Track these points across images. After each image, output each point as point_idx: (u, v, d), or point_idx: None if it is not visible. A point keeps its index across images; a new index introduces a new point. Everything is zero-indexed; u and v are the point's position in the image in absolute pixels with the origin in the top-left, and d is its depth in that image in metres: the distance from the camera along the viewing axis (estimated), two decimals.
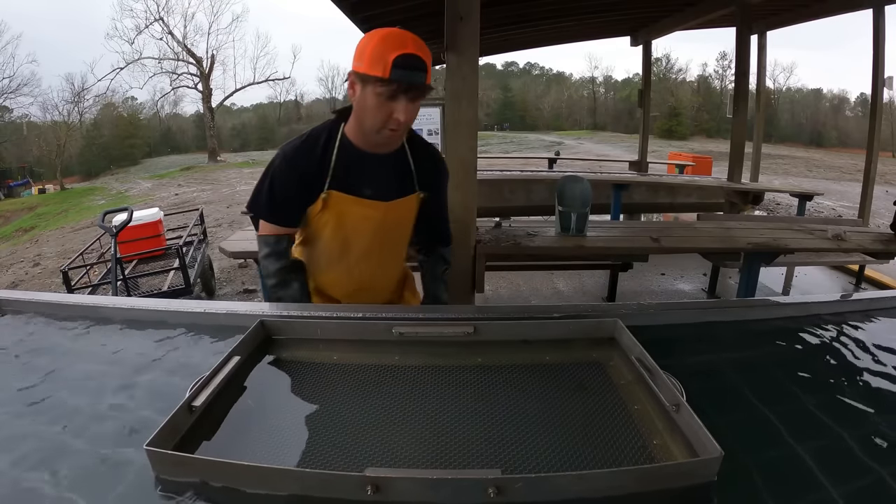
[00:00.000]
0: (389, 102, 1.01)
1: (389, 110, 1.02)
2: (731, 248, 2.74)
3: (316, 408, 0.71)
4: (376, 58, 0.97)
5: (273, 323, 0.89)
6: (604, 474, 0.55)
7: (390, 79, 0.97)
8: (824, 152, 20.37)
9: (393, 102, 1.01)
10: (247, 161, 19.56)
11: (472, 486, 0.54)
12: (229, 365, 0.75)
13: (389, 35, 0.98)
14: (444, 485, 0.54)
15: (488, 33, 4.69)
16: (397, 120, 1.02)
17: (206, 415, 0.67)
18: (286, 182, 1.14)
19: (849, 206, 7.64)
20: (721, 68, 26.91)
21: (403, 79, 0.97)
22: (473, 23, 2.07)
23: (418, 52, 0.98)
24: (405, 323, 0.88)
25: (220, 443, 0.64)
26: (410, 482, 0.55)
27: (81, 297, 1.27)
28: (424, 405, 0.71)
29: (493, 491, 0.53)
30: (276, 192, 1.15)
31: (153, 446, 0.57)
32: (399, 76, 0.96)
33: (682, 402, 0.64)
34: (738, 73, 4.79)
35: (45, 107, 21.88)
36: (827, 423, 0.71)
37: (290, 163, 1.14)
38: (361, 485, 0.54)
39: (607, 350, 0.83)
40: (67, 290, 3.23)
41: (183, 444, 0.62)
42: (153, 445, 0.57)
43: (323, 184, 1.13)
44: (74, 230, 9.37)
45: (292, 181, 1.13)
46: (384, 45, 0.97)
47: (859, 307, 1.07)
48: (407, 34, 0.99)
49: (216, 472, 0.57)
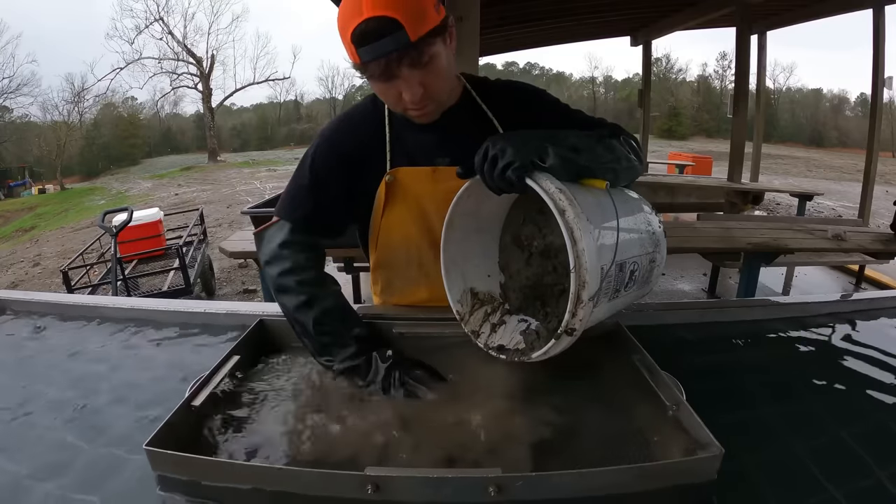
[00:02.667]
0: (388, 83, 0.77)
1: (395, 91, 0.78)
2: (731, 248, 2.74)
3: (316, 407, 0.71)
4: (345, 42, 0.74)
5: (273, 322, 0.89)
6: (604, 472, 0.55)
7: (363, 62, 0.73)
8: (824, 152, 20.37)
9: (390, 82, 0.76)
10: (247, 161, 19.54)
11: (473, 485, 0.54)
12: (228, 364, 0.75)
13: (344, 6, 0.73)
14: (444, 483, 0.54)
15: (488, 33, 4.69)
16: (406, 101, 0.78)
17: (205, 414, 0.67)
18: (326, 166, 0.89)
19: (849, 206, 7.64)
20: (721, 68, 26.91)
21: (373, 55, 0.72)
22: (473, 23, 2.08)
23: (376, 12, 0.69)
24: (405, 323, 0.88)
25: (219, 442, 0.64)
26: (410, 481, 0.55)
27: (81, 297, 1.27)
28: (425, 401, 0.71)
29: (494, 489, 0.53)
30: (313, 174, 0.89)
31: (153, 446, 0.57)
32: (368, 54, 0.72)
33: (682, 401, 0.64)
34: (738, 73, 4.81)
35: (45, 107, 21.96)
36: (827, 422, 0.71)
37: (330, 143, 0.90)
38: (361, 483, 0.54)
39: (606, 350, 0.82)
40: (67, 290, 3.23)
41: (182, 444, 0.61)
42: (153, 445, 0.57)
43: (382, 165, 0.89)
44: (74, 230, 9.37)
45: (333, 165, 0.89)
46: (342, 23, 0.73)
47: (859, 307, 1.07)
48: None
49: (215, 471, 0.57)
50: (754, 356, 0.91)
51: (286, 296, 0.84)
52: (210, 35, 24.09)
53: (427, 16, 0.72)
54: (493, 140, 0.69)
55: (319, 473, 0.56)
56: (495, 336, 0.79)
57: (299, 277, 0.84)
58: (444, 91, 0.82)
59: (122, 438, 0.66)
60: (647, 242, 0.75)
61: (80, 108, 22.79)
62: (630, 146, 0.81)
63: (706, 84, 27.78)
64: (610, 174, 0.74)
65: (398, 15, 0.69)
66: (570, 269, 0.61)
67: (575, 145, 0.71)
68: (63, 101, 22.15)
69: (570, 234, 0.61)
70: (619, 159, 0.76)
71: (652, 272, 0.77)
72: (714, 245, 2.80)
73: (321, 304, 0.82)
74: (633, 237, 0.72)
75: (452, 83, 0.86)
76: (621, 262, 0.68)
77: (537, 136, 0.70)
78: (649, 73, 6.67)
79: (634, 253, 0.71)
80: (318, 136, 0.92)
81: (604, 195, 0.70)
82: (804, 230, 2.87)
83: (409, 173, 0.88)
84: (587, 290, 0.62)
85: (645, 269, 0.74)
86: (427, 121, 0.84)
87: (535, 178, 0.65)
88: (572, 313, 0.63)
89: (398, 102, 0.79)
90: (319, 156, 0.89)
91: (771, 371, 0.85)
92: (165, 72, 22.93)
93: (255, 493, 0.56)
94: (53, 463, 0.62)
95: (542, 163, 0.67)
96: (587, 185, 0.71)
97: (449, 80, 0.82)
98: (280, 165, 17.31)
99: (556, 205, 0.62)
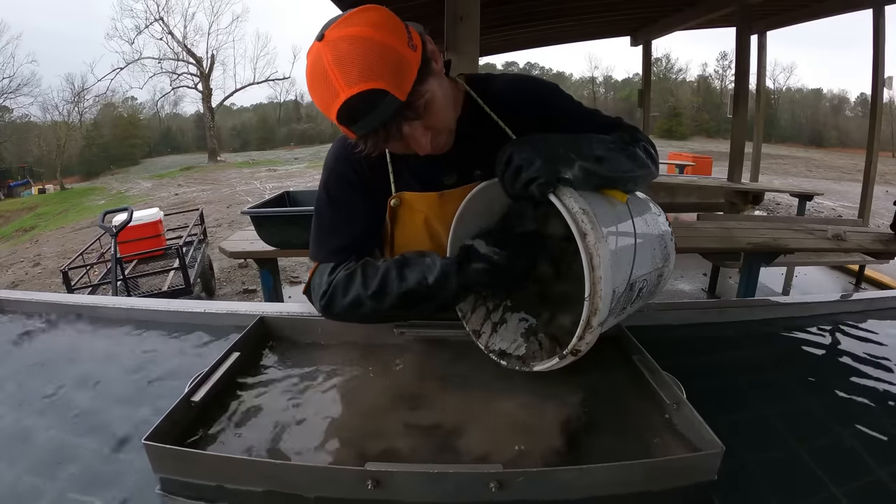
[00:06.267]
0: (392, 142, 0.70)
1: (402, 145, 0.71)
2: (731, 248, 2.74)
3: (316, 404, 0.71)
4: (330, 119, 0.65)
5: (274, 320, 0.89)
6: (605, 468, 0.55)
7: (359, 138, 0.66)
8: (824, 152, 20.36)
9: (394, 141, 0.69)
10: (247, 161, 19.54)
11: (474, 481, 0.53)
12: (229, 361, 0.75)
13: (312, 84, 0.64)
14: (444, 479, 0.54)
15: (488, 33, 4.69)
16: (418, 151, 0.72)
17: (205, 410, 0.67)
18: (341, 197, 0.84)
19: (849, 206, 7.63)
20: (721, 68, 26.90)
21: (367, 129, 0.64)
22: (473, 23, 2.08)
23: (354, 89, 0.61)
24: (405, 323, 0.88)
25: (219, 438, 0.64)
26: (411, 476, 0.55)
27: (81, 297, 1.26)
28: (425, 400, 0.71)
29: (495, 485, 0.53)
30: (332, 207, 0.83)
31: (152, 441, 0.57)
32: (361, 129, 0.64)
33: (682, 400, 0.64)
34: (738, 73, 4.80)
35: (45, 107, 21.92)
36: (827, 422, 0.71)
37: (336, 174, 0.84)
38: (361, 478, 0.53)
39: (607, 350, 0.82)
40: (67, 290, 3.22)
41: (182, 439, 0.61)
42: (152, 440, 0.57)
43: (387, 188, 0.83)
44: (74, 230, 9.37)
45: (345, 192, 0.84)
46: (320, 104, 0.65)
47: (859, 307, 1.07)
48: (325, 63, 0.62)
49: (215, 466, 0.57)
50: (754, 356, 0.91)
51: (372, 301, 0.74)
52: (210, 35, 24.10)
53: (406, 64, 0.63)
54: (517, 147, 0.66)
55: (319, 468, 0.56)
56: (496, 337, 0.79)
57: (362, 279, 0.75)
58: (451, 118, 0.76)
59: (122, 439, 0.66)
60: (659, 258, 0.74)
61: (80, 108, 22.77)
62: (647, 152, 0.78)
63: (706, 84, 27.77)
64: (630, 183, 0.73)
65: (379, 83, 0.61)
66: (585, 297, 0.61)
67: (599, 155, 0.69)
68: (63, 101, 22.13)
69: (590, 260, 0.60)
70: (639, 167, 0.74)
71: (658, 286, 0.76)
72: (714, 245, 2.80)
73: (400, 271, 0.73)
74: (646, 256, 0.71)
75: (454, 104, 0.79)
76: (632, 282, 0.67)
77: (562, 144, 0.67)
78: (649, 73, 6.67)
79: (646, 271, 0.70)
80: (324, 170, 0.86)
81: (623, 208, 0.69)
82: (804, 230, 2.87)
83: (414, 197, 0.83)
84: (598, 317, 0.61)
85: (653, 284, 0.74)
86: (442, 151, 0.76)
87: (560, 196, 0.64)
88: (580, 337, 0.63)
89: (408, 151, 0.73)
90: (331, 188, 0.84)
91: (771, 371, 0.85)
92: (165, 72, 22.95)
93: (254, 489, 0.55)
94: (52, 463, 0.62)
95: (566, 175, 0.65)
96: (607, 196, 0.69)
97: (451, 107, 0.75)
98: (280, 165, 17.31)
99: (577, 227, 0.61)
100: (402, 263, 0.74)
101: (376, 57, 0.61)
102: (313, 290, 0.81)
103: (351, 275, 0.77)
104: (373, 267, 0.76)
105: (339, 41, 0.62)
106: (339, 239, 0.82)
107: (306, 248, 0.87)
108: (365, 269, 0.77)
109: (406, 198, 0.84)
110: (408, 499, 0.54)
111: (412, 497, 0.54)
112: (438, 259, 0.72)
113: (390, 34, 0.63)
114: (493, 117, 0.83)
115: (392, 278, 0.73)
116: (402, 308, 0.74)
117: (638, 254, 0.68)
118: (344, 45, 0.61)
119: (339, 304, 0.77)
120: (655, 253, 0.73)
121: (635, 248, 0.68)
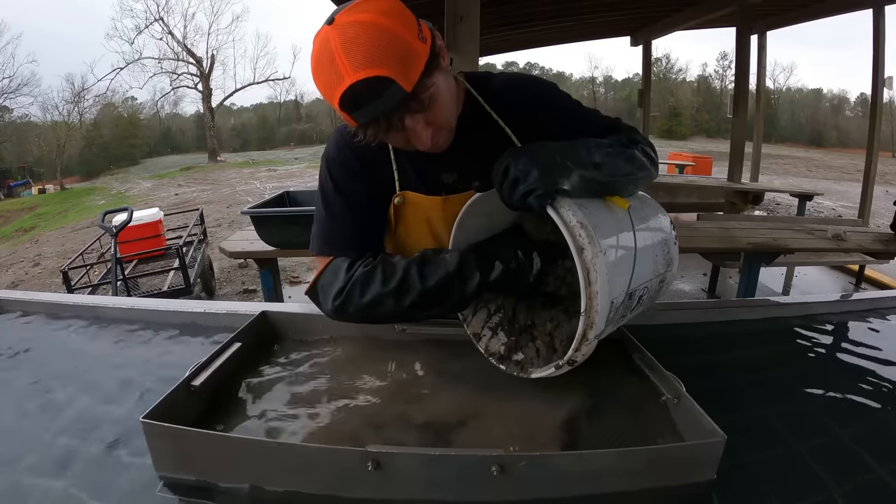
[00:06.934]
0: (392, 134, 0.69)
1: (402, 138, 0.71)
2: (731, 248, 2.74)
3: (316, 397, 0.71)
4: (331, 105, 0.65)
5: (275, 315, 0.90)
6: (606, 454, 0.55)
7: (359, 126, 0.66)
8: (824, 152, 20.35)
9: (395, 133, 0.69)
10: (247, 161, 19.52)
11: (475, 464, 0.53)
12: (230, 350, 0.75)
13: (317, 68, 0.63)
14: (445, 461, 0.54)
15: (488, 33, 4.69)
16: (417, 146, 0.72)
17: (204, 396, 0.67)
18: (346, 187, 0.81)
19: (849, 206, 7.63)
20: (721, 68, 26.89)
21: (370, 117, 0.63)
22: (473, 23, 2.08)
23: (360, 75, 0.60)
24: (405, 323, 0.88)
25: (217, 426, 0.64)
26: (411, 458, 0.54)
27: (81, 297, 1.26)
28: (425, 395, 0.71)
29: (497, 469, 0.52)
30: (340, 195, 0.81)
31: (150, 419, 0.57)
32: (363, 117, 0.64)
33: (683, 393, 0.64)
34: (738, 73, 4.80)
35: (45, 107, 21.93)
36: (827, 421, 0.71)
37: (338, 163, 0.82)
38: (362, 459, 0.53)
39: (607, 350, 0.82)
40: (67, 290, 3.22)
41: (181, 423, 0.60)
42: (150, 418, 0.57)
43: (391, 182, 0.82)
44: (74, 230, 9.36)
45: (350, 182, 0.81)
46: (322, 89, 0.64)
47: (859, 307, 1.07)
48: (332, 46, 0.61)
49: (213, 445, 0.56)
50: (754, 356, 0.91)
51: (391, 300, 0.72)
52: (210, 35, 24.10)
53: (415, 55, 0.62)
54: (514, 158, 0.65)
55: (318, 448, 0.55)
56: (496, 341, 0.79)
57: (382, 277, 0.72)
58: (452, 116, 0.75)
59: (122, 439, 0.66)
60: (661, 263, 0.73)
61: (80, 108, 22.78)
62: (646, 153, 0.77)
63: (706, 84, 27.77)
64: (630, 186, 0.72)
65: (385, 70, 0.60)
66: (581, 312, 0.61)
67: (597, 162, 0.67)
68: (63, 101, 22.15)
69: (587, 275, 0.59)
70: (638, 169, 0.73)
71: (660, 291, 0.75)
72: (714, 245, 2.80)
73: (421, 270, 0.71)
74: (647, 263, 0.70)
75: (456, 102, 0.78)
76: (632, 291, 0.66)
77: (559, 152, 0.66)
78: (649, 73, 6.67)
79: (647, 278, 0.69)
80: (323, 160, 0.84)
81: (624, 215, 0.68)
82: (804, 230, 2.87)
83: (419, 199, 0.82)
84: (594, 331, 0.61)
85: (654, 289, 0.73)
86: (441, 149, 0.76)
87: (557, 208, 0.63)
88: (576, 349, 0.63)
89: (407, 145, 0.72)
90: (336, 175, 0.82)
91: (771, 371, 0.85)
92: (165, 72, 22.95)
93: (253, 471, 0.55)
94: (53, 463, 0.62)
95: (564, 186, 0.63)
96: (608, 203, 0.68)
97: (453, 104, 0.75)
98: (280, 165, 17.30)
99: (574, 242, 0.60)
100: (423, 262, 0.72)
101: (385, 44, 0.60)
102: (323, 288, 0.77)
103: (370, 272, 0.74)
104: (391, 264, 0.74)
105: (349, 26, 0.61)
106: (350, 229, 0.80)
107: (306, 247, 0.85)
108: (384, 266, 0.74)
109: (410, 198, 0.82)
110: (408, 482, 0.54)
111: (413, 480, 0.54)
112: (458, 259, 0.71)
113: (400, 24, 0.62)
114: (492, 116, 0.82)
115: (413, 276, 0.71)
116: (419, 308, 0.72)
117: (638, 262, 0.67)
118: (353, 30, 0.60)
119: (355, 304, 0.74)
120: (657, 259, 0.72)
121: (635, 257, 0.67)
